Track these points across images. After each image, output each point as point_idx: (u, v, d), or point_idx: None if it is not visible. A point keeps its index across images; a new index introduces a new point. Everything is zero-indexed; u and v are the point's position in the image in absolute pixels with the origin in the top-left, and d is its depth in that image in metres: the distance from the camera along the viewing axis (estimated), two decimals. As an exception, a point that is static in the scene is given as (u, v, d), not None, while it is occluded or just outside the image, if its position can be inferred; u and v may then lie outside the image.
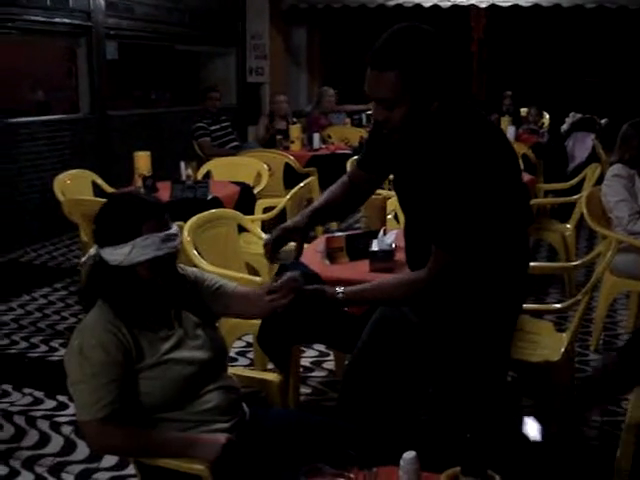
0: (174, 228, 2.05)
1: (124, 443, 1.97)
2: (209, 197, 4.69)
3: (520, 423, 1.95)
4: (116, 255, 1.96)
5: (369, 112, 9.88)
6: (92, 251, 2.07)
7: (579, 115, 8.56)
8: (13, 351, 4.34)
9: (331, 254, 3.05)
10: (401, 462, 1.60)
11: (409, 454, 1.60)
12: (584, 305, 2.99)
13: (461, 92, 2.06)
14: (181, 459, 1.95)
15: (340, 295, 2.13)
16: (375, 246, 2.95)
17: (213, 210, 3.88)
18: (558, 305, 3.09)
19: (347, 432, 2.12)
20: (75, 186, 5.25)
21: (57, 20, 7.03)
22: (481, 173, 1.92)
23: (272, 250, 2.28)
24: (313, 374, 3.93)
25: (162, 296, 2.06)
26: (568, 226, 5.22)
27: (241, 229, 4.06)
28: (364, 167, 2.37)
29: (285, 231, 2.31)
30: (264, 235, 3.99)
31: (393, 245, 2.94)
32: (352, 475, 1.60)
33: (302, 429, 2.12)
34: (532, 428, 1.90)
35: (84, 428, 1.97)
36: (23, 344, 4.43)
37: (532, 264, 2.35)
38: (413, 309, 2.32)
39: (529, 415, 1.93)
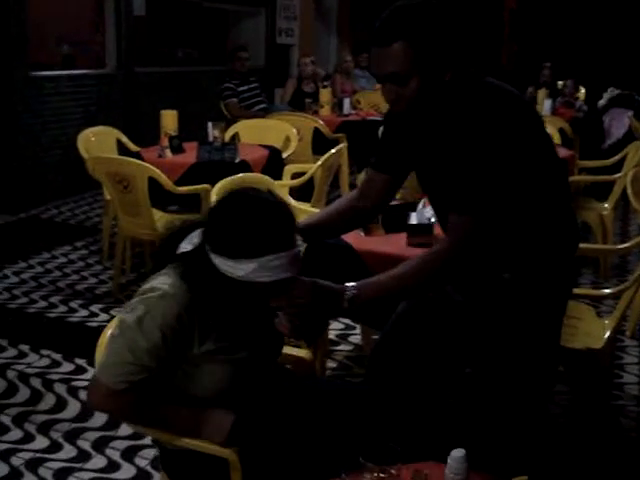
0: (299, 244, 1.80)
1: (127, 415, 1.86)
2: (237, 160, 4.54)
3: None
4: (234, 269, 1.71)
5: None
6: (196, 240, 1.79)
7: (617, 91, 8.30)
8: (32, 310, 4.25)
9: (366, 225, 2.91)
10: (449, 461, 1.46)
11: (458, 452, 1.47)
12: (634, 291, 2.83)
13: (478, 60, 1.97)
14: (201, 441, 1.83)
15: (350, 293, 1.87)
16: (414, 219, 2.81)
17: (242, 174, 3.76)
18: (608, 290, 2.92)
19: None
20: (99, 143, 5.12)
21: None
22: (497, 134, 1.84)
23: None
24: (339, 348, 3.80)
25: (263, 309, 1.87)
26: (606, 205, 5.03)
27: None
28: (381, 167, 2.23)
29: None
30: (294, 202, 3.84)
31: (433, 219, 2.79)
32: (394, 471, 1.47)
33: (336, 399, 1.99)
34: None
35: (94, 385, 1.80)
36: (42, 303, 4.34)
37: (582, 245, 2.21)
38: (457, 288, 2.19)
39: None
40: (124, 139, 5.44)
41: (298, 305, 1.81)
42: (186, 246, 1.79)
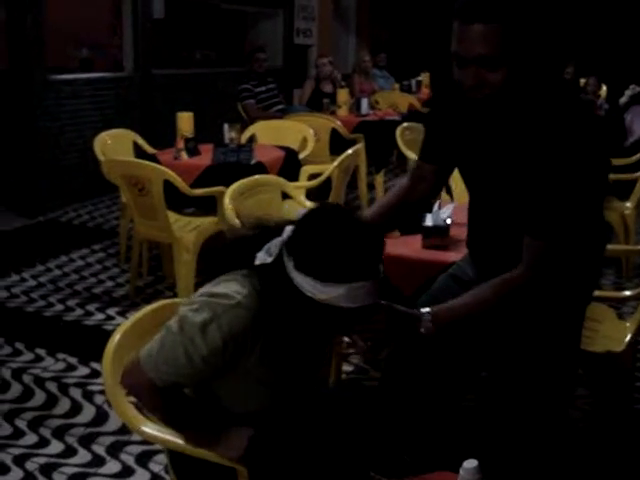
0: (381, 270, 1.69)
1: (154, 409, 1.80)
2: (252, 162, 4.51)
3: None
4: (319, 291, 1.58)
5: (419, 78, 9.61)
6: (273, 251, 1.66)
7: (639, 88, 8.18)
8: (49, 314, 4.25)
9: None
10: (461, 472, 1.42)
11: (470, 463, 1.42)
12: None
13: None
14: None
15: (427, 317, 1.85)
16: (429, 221, 2.75)
17: (256, 176, 3.73)
18: (628, 292, 2.86)
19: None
20: (116, 146, 5.11)
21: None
22: (588, 153, 1.73)
23: None
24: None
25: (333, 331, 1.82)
26: (628, 204, 4.95)
27: (284, 196, 3.90)
28: (428, 158, 2.16)
29: None
30: (308, 203, 3.81)
31: (449, 221, 2.74)
32: (405, 483, 1.44)
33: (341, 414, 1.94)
34: None
35: (135, 371, 1.72)
36: (59, 307, 4.34)
37: (609, 246, 2.16)
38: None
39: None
40: (140, 141, 5.43)
41: (376, 330, 1.80)
42: (266, 257, 1.66)
